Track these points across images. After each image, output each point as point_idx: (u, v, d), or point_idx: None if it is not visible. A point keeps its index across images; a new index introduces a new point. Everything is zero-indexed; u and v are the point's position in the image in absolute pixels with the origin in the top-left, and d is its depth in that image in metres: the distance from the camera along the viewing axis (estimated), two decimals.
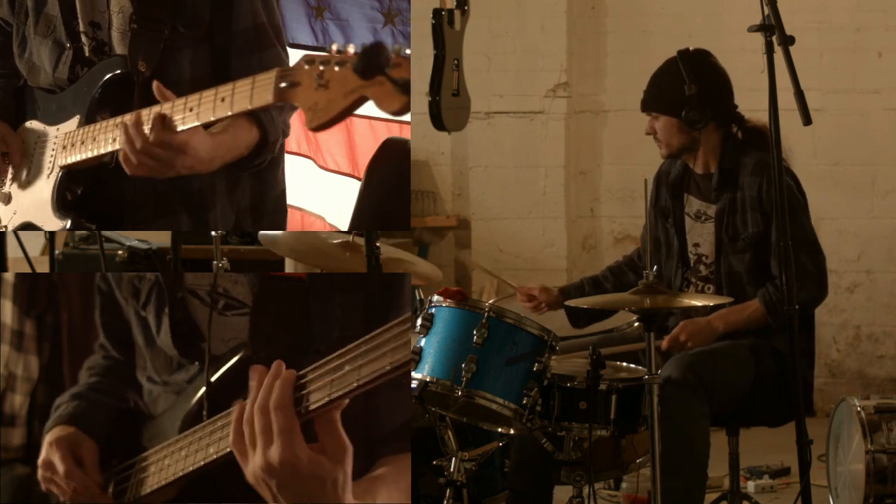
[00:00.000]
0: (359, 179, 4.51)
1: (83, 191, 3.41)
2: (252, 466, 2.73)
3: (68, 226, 3.41)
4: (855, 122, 6.53)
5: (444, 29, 4.80)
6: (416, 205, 6.87)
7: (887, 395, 5.21)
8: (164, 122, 3.06)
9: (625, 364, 3.86)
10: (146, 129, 3.07)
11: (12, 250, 4.71)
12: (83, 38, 3.43)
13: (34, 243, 6.32)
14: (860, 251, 6.55)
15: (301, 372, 2.74)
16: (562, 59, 6.73)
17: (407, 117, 4.46)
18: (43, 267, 5.62)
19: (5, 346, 3.65)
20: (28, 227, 3.49)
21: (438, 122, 4.85)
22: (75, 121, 3.40)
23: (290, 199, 4.74)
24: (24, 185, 3.48)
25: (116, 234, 6.12)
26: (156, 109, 3.10)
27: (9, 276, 3.76)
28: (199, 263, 5.45)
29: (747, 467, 5.18)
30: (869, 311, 6.59)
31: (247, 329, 3.18)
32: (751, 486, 5.09)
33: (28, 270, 5.09)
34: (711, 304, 3.82)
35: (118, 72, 3.37)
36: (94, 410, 3.37)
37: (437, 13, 4.81)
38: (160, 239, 6.06)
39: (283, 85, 2.78)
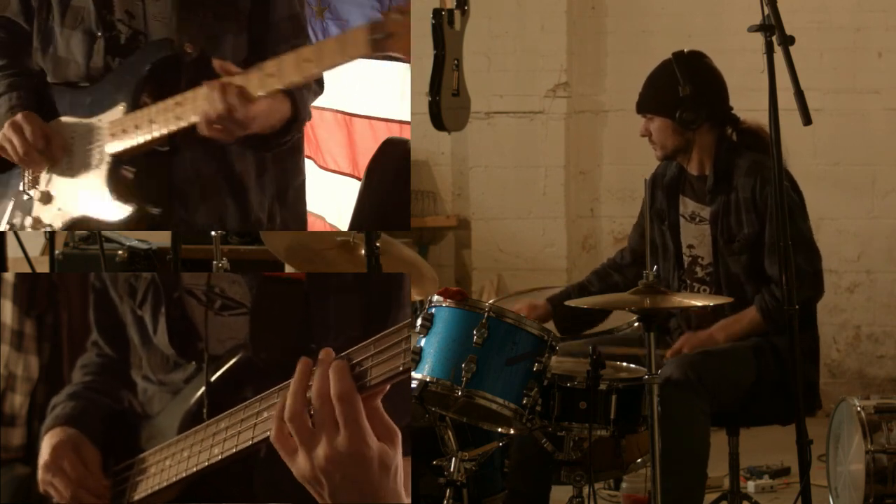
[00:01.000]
0: (359, 179, 4.51)
1: (135, 176, 3.43)
2: (313, 460, 2.55)
3: (131, 212, 3.37)
4: (855, 122, 6.53)
5: (444, 29, 4.81)
6: (416, 205, 6.88)
7: (887, 395, 5.21)
8: (242, 94, 3.17)
9: (625, 364, 3.86)
10: (228, 99, 3.17)
11: (12, 250, 4.71)
12: (119, 27, 3.45)
13: (34, 243, 6.31)
14: (860, 251, 6.55)
15: (350, 352, 2.60)
16: (562, 59, 6.73)
17: (407, 117, 4.47)
18: (43, 267, 5.62)
19: (5, 346, 3.65)
20: (80, 223, 3.45)
21: (438, 122, 4.86)
22: (120, 108, 3.40)
23: None
24: (67, 181, 3.47)
25: (116, 233, 6.12)
26: (235, 80, 3.17)
27: (9, 276, 3.76)
28: (199, 263, 5.45)
29: (747, 467, 5.18)
30: (869, 311, 6.59)
31: (245, 330, 3.17)
32: (751, 486, 5.09)
33: (28, 270, 5.09)
34: (711, 303, 3.82)
35: (166, 54, 3.40)
36: (92, 410, 3.36)
37: (437, 13, 4.82)
38: (160, 239, 6.05)
39: (378, 36, 2.92)
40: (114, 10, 3.45)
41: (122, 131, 3.37)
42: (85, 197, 3.43)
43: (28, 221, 3.51)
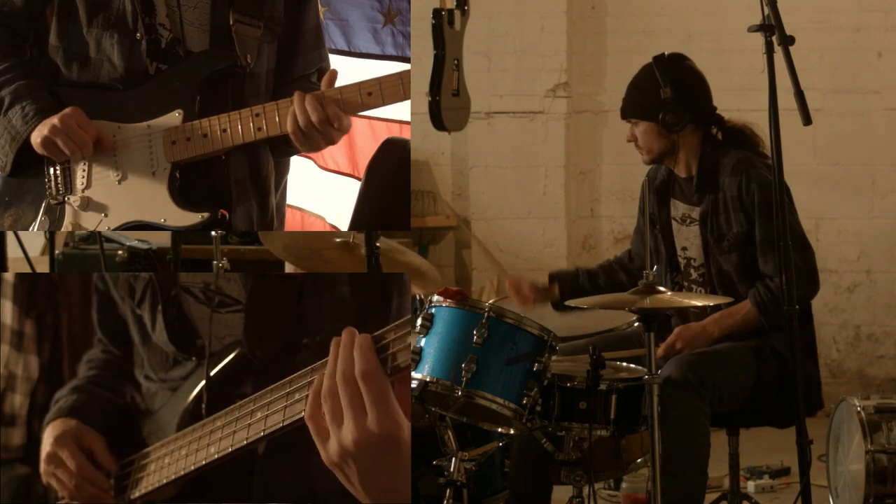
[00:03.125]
0: (359, 179, 4.51)
1: (199, 182, 3.45)
2: (341, 440, 2.43)
3: (201, 219, 3.37)
4: (855, 122, 6.54)
5: (444, 29, 4.81)
6: (416, 205, 6.88)
7: (887, 395, 5.20)
8: (341, 105, 3.30)
9: (625, 364, 3.86)
10: (328, 109, 3.29)
11: (12, 250, 4.71)
12: (160, 31, 3.45)
13: (34, 243, 6.31)
14: (860, 251, 6.55)
15: (377, 333, 2.51)
16: (562, 59, 6.73)
17: (407, 117, 4.47)
18: (43, 267, 5.62)
19: (5, 346, 3.65)
20: (132, 227, 3.42)
21: (438, 122, 4.87)
22: (176, 115, 3.39)
23: (290, 199, 4.73)
24: (116, 187, 3.43)
25: (116, 233, 6.12)
26: (332, 93, 3.30)
27: (9, 276, 3.77)
28: (199, 263, 5.45)
29: (747, 467, 5.18)
30: (869, 311, 6.59)
31: (241, 326, 3.18)
32: (751, 486, 5.09)
33: (28, 270, 5.09)
34: (711, 304, 3.82)
35: (225, 65, 3.43)
36: (94, 403, 3.38)
37: (437, 13, 4.83)
38: (160, 239, 6.05)
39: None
40: (156, 13, 3.45)
41: (185, 139, 3.36)
42: (141, 202, 3.39)
43: (63, 227, 3.45)
